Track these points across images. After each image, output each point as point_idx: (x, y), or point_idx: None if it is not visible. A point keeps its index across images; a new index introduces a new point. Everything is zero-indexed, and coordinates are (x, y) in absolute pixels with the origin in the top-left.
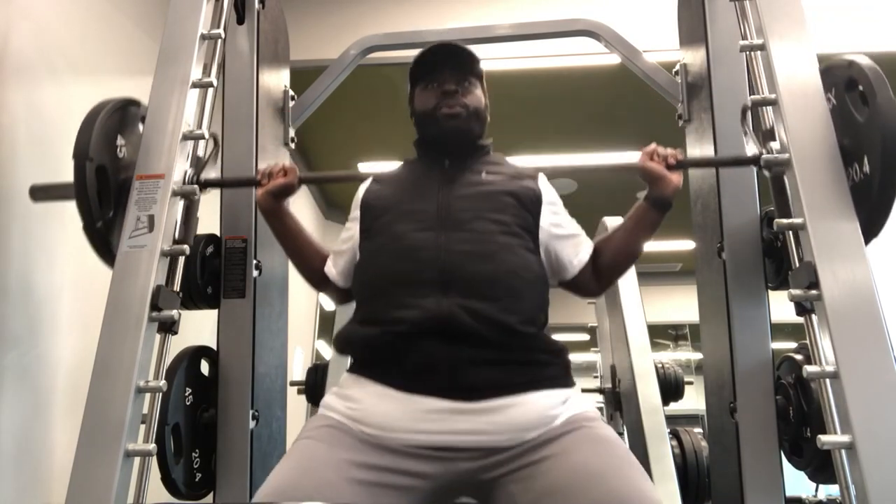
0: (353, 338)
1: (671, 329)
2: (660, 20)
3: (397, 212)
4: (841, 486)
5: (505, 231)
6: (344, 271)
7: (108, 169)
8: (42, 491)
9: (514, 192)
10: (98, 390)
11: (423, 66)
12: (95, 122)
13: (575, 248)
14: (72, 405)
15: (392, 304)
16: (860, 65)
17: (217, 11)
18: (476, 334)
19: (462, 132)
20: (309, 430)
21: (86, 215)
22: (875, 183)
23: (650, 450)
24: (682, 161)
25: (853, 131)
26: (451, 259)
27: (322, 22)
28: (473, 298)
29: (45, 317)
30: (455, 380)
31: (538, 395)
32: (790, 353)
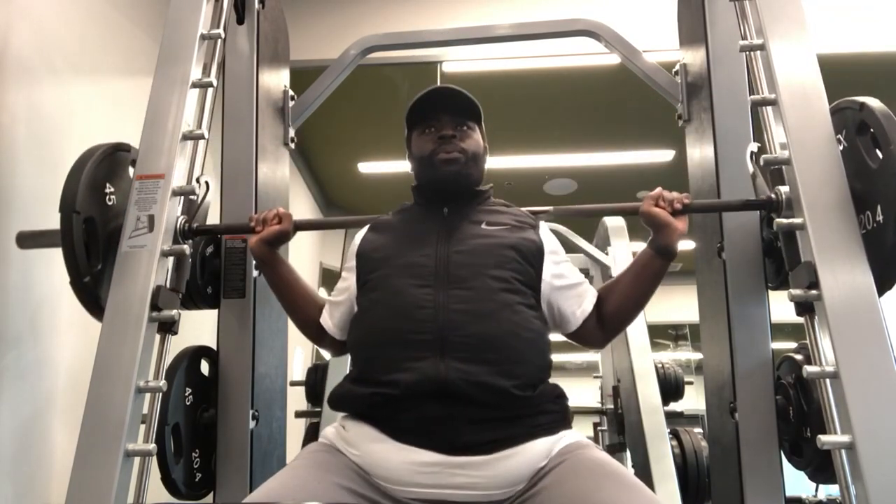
0: (347, 398)
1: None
2: (660, 20)
3: (394, 265)
4: (841, 486)
5: (505, 288)
6: (340, 323)
7: (96, 220)
8: (42, 491)
9: (515, 246)
10: (98, 390)
11: (421, 110)
12: (83, 172)
13: (578, 300)
14: (72, 405)
15: (388, 366)
16: (872, 108)
17: (217, 11)
18: (472, 399)
19: (460, 177)
20: (305, 455)
21: (72, 270)
22: (889, 232)
23: (650, 450)
24: (689, 206)
25: (865, 177)
26: (449, 318)
27: (322, 22)
28: (472, 362)
29: (45, 317)
30: (451, 438)
31: (534, 444)
32: (790, 353)
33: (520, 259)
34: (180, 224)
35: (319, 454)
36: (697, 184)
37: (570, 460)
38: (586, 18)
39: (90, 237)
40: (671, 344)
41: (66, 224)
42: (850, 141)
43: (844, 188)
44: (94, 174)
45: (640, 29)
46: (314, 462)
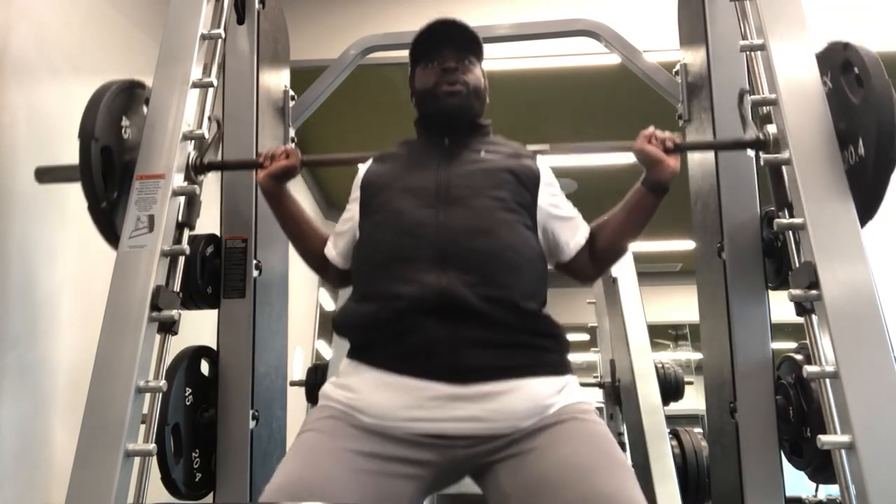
0: (351, 317)
1: (671, 329)
2: (660, 20)
3: (396, 188)
4: (841, 486)
5: (503, 208)
6: (344, 252)
7: (112, 150)
8: (42, 491)
9: (513, 170)
10: (98, 390)
11: (423, 44)
12: (101, 102)
13: (572, 231)
14: (72, 405)
15: (391, 280)
16: (855, 48)
17: (217, 11)
18: (475, 311)
19: (462, 109)
20: (310, 423)
21: (90, 196)
22: (870, 165)
23: (650, 450)
24: (680, 144)
25: (848, 114)
26: (450, 235)
27: (322, 22)
28: (472, 274)
29: (45, 317)
30: (454, 361)
31: (536, 381)
32: (790, 353)
33: (516, 182)
34: (192, 160)
35: (323, 421)
36: (697, 183)
37: (570, 424)
38: (586, 18)
39: (107, 166)
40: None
41: (85, 151)
42: (834, 81)
43: (845, 188)
44: (111, 106)
45: (640, 29)
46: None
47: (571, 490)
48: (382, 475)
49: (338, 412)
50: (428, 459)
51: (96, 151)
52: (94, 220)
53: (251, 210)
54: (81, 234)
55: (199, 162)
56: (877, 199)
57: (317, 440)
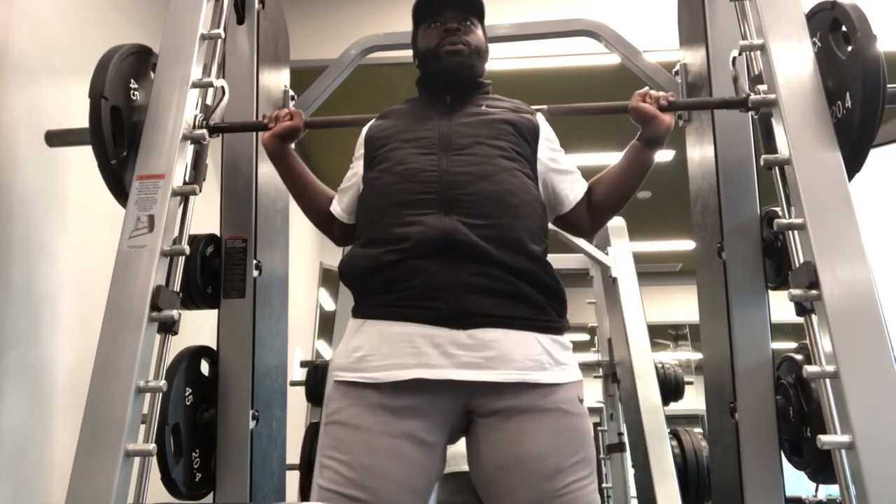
0: (357, 261)
1: (671, 329)
2: (660, 20)
3: (399, 139)
4: (841, 486)
5: (504, 155)
6: (349, 207)
7: (121, 109)
8: (42, 491)
9: (513, 122)
10: (98, 390)
11: (425, 5)
12: (110, 63)
13: (571, 184)
14: (72, 405)
15: (395, 223)
16: (843, 5)
17: (217, 11)
18: (479, 251)
19: (464, 68)
20: (333, 413)
21: (100, 153)
22: (856, 116)
23: (650, 450)
24: (674, 103)
25: (836, 71)
26: (452, 179)
27: (322, 22)
28: (475, 216)
29: (45, 317)
30: (456, 305)
31: (533, 336)
32: (790, 353)
33: (516, 133)
34: (197, 121)
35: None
36: (697, 183)
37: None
38: (586, 18)
39: (116, 125)
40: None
41: (95, 108)
42: (822, 40)
43: (845, 188)
44: (120, 67)
45: (640, 29)
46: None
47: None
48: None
49: (351, 388)
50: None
51: (106, 110)
52: (104, 177)
53: (251, 210)
54: (81, 234)
55: (206, 123)
56: (863, 150)
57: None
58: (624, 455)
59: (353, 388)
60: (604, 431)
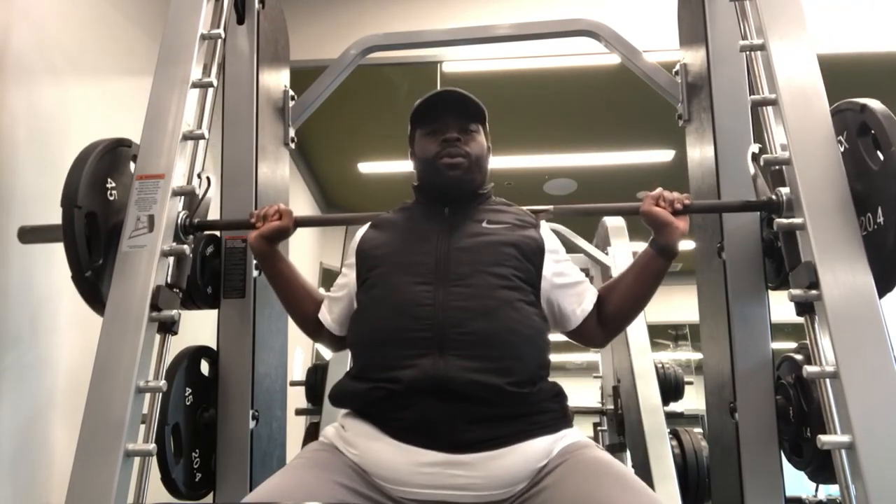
0: (347, 395)
1: (671, 329)
2: (660, 20)
3: (394, 263)
4: (841, 486)
5: (506, 285)
6: (339, 318)
7: (97, 214)
8: (42, 491)
9: (516, 243)
10: (98, 390)
11: (425, 111)
12: (84, 166)
13: (578, 298)
14: (72, 405)
15: (388, 362)
16: (873, 110)
17: (217, 11)
18: (473, 397)
19: (463, 182)
20: (306, 453)
21: (74, 264)
22: (890, 234)
23: (650, 450)
24: (689, 206)
25: (866, 179)
26: (448, 316)
27: (322, 22)
28: (471, 359)
29: (45, 317)
30: (452, 436)
31: (534, 442)
32: (790, 353)
33: (520, 256)
34: (181, 220)
35: (319, 453)
36: (697, 183)
37: (571, 460)
38: (586, 18)
39: (91, 232)
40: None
41: (68, 218)
42: (851, 142)
43: (845, 188)
44: (95, 169)
45: (640, 29)
46: (314, 461)
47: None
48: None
49: (333, 447)
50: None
51: (80, 218)
52: (78, 289)
53: (251, 210)
54: None
55: (190, 222)
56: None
57: (304, 468)
58: (624, 455)
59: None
60: (604, 431)
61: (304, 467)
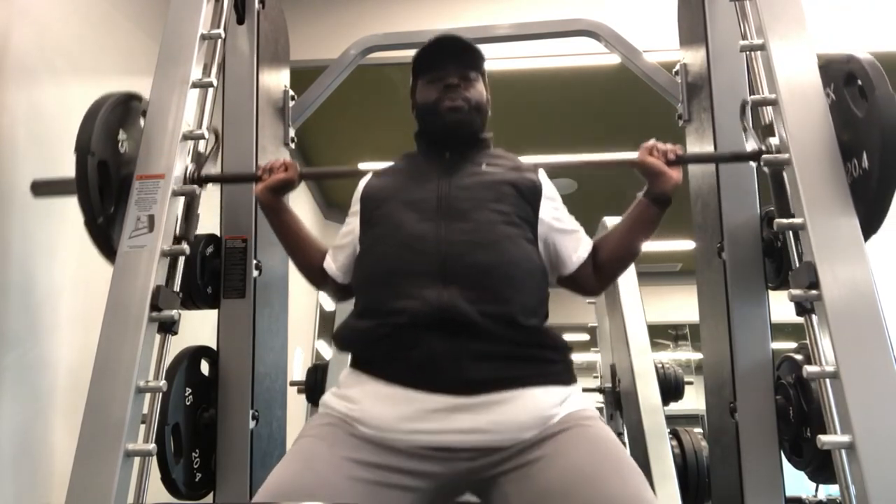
0: (352, 333)
1: (671, 329)
2: (660, 20)
3: (397, 202)
4: (841, 486)
5: (505, 221)
6: (343, 266)
7: (109, 164)
8: (42, 491)
9: (514, 183)
10: (98, 390)
11: (426, 59)
12: (97, 116)
13: (574, 244)
14: (72, 405)
15: (392, 295)
16: (859, 59)
17: (217, 11)
18: (477, 326)
19: (463, 125)
20: (309, 430)
21: (87, 211)
22: (874, 178)
23: (650, 450)
24: (682, 156)
25: (852, 127)
26: (451, 249)
27: (322, 22)
28: (474, 289)
29: (45, 317)
30: (457, 374)
31: (538, 391)
32: (790, 353)
33: (517, 196)
34: (189, 171)
35: (323, 429)
36: (697, 183)
37: (574, 431)
38: (586, 18)
39: (103, 180)
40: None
41: (82, 165)
42: (837, 93)
43: (844, 185)
44: (107, 119)
45: (640, 29)
46: (320, 437)
47: (580, 496)
48: (380, 485)
49: (337, 420)
50: (428, 471)
51: (93, 166)
52: (90, 236)
53: (251, 210)
54: (81, 234)
55: (197, 174)
56: (881, 212)
57: (314, 446)
58: None
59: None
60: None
61: (311, 448)
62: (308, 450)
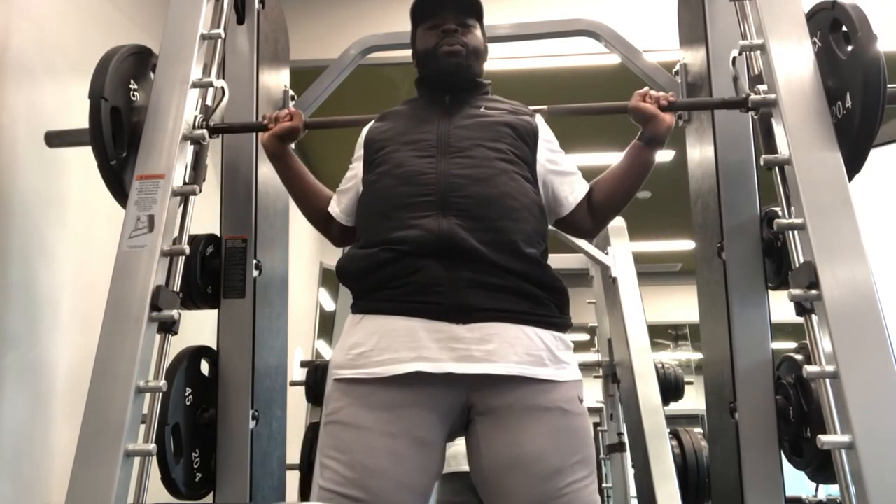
0: (354, 261)
1: (671, 329)
2: (660, 20)
3: (399, 141)
4: (841, 486)
5: (502, 158)
6: (347, 209)
7: (121, 110)
8: (42, 491)
9: (512, 124)
10: (98, 390)
11: (425, 6)
12: (110, 64)
13: (571, 186)
14: (72, 405)
15: (393, 226)
16: (843, 5)
17: (217, 11)
18: (475, 253)
19: (462, 69)
20: (333, 413)
21: (100, 153)
22: (856, 116)
23: (650, 450)
24: (674, 102)
25: (836, 71)
26: (450, 182)
27: (322, 22)
28: (472, 219)
29: (45, 317)
30: (455, 300)
31: (533, 330)
32: (790, 353)
33: (515, 136)
34: (197, 121)
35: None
36: (697, 183)
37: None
38: (586, 18)
39: (116, 126)
40: (671, 344)
41: (95, 109)
42: (823, 41)
43: (845, 186)
44: (120, 67)
45: (640, 29)
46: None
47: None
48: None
49: (351, 390)
50: (441, 403)
51: (106, 111)
52: (103, 178)
53: (251, 210)
54: (81, 234)
55: (206, 124)
56: (863, 150)
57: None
58: (624, 455)
59: (353, 386)
60: (604, 431)
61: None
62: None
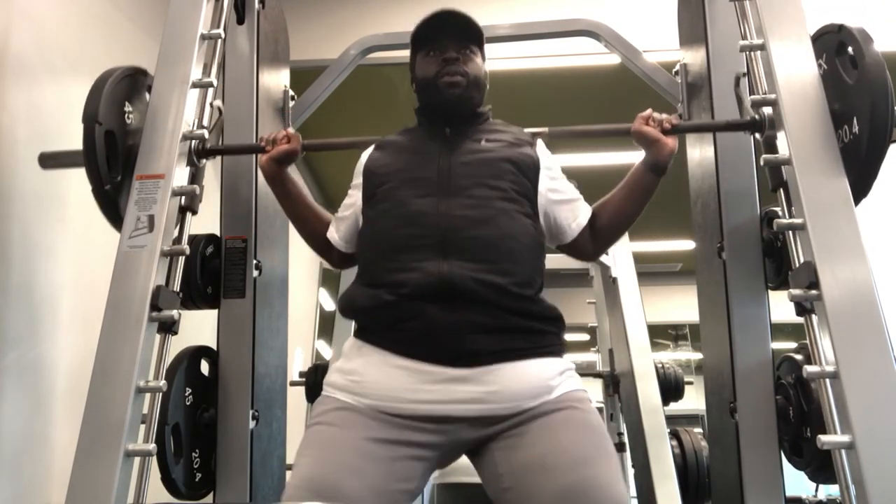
0: (356, 300)
1: (671, 329)
2: (660, 20)
3: (399, 179)
4: (841, 486)
5: (503, 197)
6: (346, 236)
7: (116, 134)
8: (42, 491)
9: (513, 160)
10: (98, 390)
11: (425, 33)
12: (104, 87)
13: (573, 212)
14: (72, 405)
15: (394, 268)
16: (849, 29)
17: (217, 11)
18: (475, 296)
19: (462, 100)
20: (319, 416)
21: (94, 178)
22: (863, 142)
23: (650, 450)
24: (678, 126)
25: (843, 95)
26: (451, 224)
27: (322, 22)
28: (472, 261)
29: (45, 317)
30: (456, 346)
31: (536, 363)
32: (790, 353)
33: (517, 172)
34: (194, 146)
35: (331, 414)
36: (697, 183)
37: (567, 412)
38: (586, 18)
39: (110, 150)
40: (671, 344)
41: (89, 134)
42: (829, 63)
43: (844, 185)
44: (114, 90)
45: (640, 29)
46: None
47: (564, 475)
48: (394, 459)
49: (344, 403)
50: (434, 441)
51: (100, 135)
52: (98, 203)
53: (251, 210)
54: (81, 234)
55: (202, 147)
56: (870, 176)
57: (328, 433)
58: (624, 455)
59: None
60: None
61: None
62: (323, 438)
